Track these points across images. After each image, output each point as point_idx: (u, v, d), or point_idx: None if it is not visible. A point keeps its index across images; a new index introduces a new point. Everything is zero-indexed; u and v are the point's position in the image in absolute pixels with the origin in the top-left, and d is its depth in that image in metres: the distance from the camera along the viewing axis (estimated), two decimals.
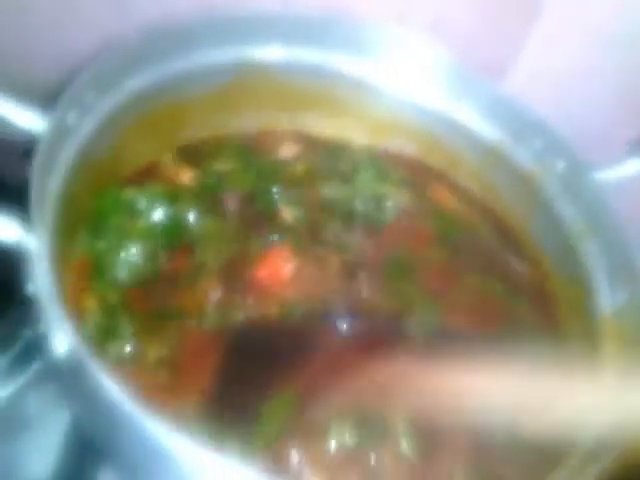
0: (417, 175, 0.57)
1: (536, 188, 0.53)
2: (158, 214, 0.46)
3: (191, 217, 0.47)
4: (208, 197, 0.49)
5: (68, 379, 0.33)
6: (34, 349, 0.47)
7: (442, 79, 0.56)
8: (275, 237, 0.48)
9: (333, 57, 0.55)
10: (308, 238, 0.49)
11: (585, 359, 0.45)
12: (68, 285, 0.37)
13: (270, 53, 0.53)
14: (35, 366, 0.47)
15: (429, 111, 0.57)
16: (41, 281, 0.31)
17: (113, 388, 0.29)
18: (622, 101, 0.56)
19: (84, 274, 0.42)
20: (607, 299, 0.45)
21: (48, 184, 0.36)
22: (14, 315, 0.48)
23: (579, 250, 0.49)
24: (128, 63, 0.45)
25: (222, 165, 0.52)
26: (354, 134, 0.58)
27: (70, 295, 0.36)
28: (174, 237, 0.46)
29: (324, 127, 0.58)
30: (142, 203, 0.45)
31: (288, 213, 0.50)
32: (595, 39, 0.58)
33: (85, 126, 0.41)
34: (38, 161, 0.35)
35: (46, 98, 0.40)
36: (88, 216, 0.43)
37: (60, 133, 0.38)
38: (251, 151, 0.54)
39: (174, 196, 0.47)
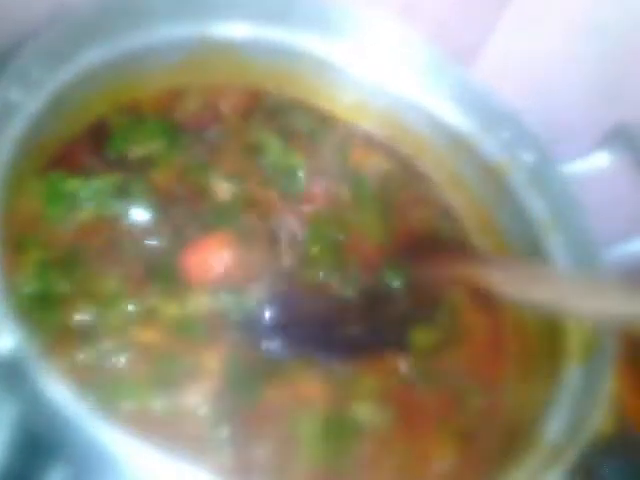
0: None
1: (502, 179, 0.52)
2: (101, 208, 0.43)
3: (134, 213, 0.44)
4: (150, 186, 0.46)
5: (11, 378, 0.31)
6: None
7: (411, 63, 0.54)
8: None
9: (299, 36, 0.53)
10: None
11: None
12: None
13: (232, 29, 0.51)
14: None
15: (396, 95, 0.56)
16: None
17: (58, 393, 0.27)
18: (594, 91, 0.56)
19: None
20: None
21: None
22: None
23: (543, 244, 0.49)
24: (80, 35, 0.42)
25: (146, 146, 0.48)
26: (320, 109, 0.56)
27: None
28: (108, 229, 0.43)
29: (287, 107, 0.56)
30: (86, 194, 0.43)
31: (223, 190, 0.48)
32: (567, 26, 0.58)
33: (31, 103, 0.38)
34: None
35: None
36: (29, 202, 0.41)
37: (3, 110, 0.35)
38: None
39: (121, 190, 0.44)
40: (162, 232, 0.44)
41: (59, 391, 0.28)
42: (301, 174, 0.52)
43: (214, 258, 0.44)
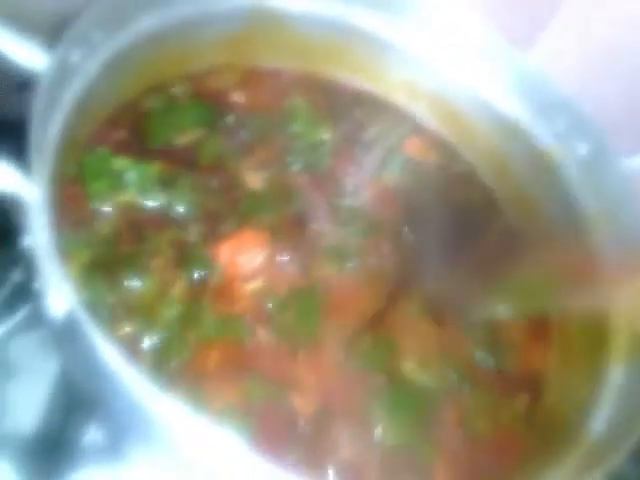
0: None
1: (553, 170, 0.51)
2: (144, 197, 0.43)
3: (178, 205, 0.44)
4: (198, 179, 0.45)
5: (62, 336, 0.31)
6: (22, 294, 0.45)
7: (466, 46, 0.53)
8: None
9: (356, 12, 0.52)
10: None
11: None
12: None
13: (287, 2, 0.50)
14: (22, 312, 0.45)
15: (448, 78, 0.55)
16: (39, 237, 0.29)
17: (108, 353, 0.28)
18: None
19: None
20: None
21: (49, 128, 0.34)
22: (1, 258, 0.46)
23: (592, 240, 0.47)
24: (138, 2, 0.42)
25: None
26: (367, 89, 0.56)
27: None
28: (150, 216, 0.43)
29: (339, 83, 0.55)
30: (131, 177, 0.43)
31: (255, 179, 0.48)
32: (628, 18, 0.55)
33: (89, 66, 0.38)
34: (39, 102, 0.32)
35: (48, 32, 0.36)
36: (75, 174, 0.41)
37: (63, 72, 0.35)
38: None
39: (167, 181, 0.44)
40: (198, 225, 0.44)
41: (110, 352, 0.28)
42: (326, 149, 0.51)
43: (247, 253, 0.44)
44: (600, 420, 0.39)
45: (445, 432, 0.42)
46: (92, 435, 0.38)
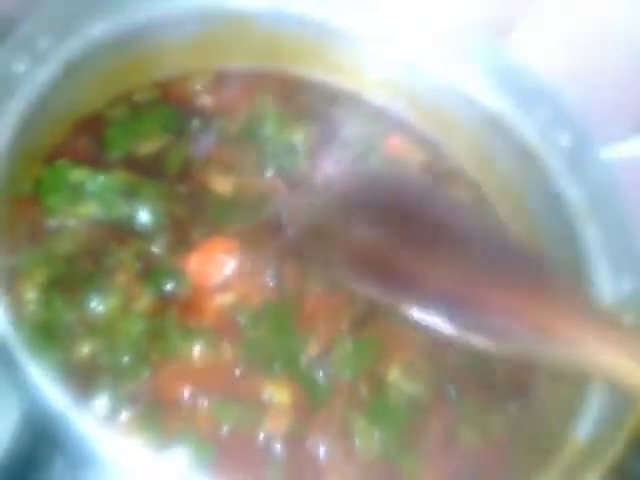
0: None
1: (537, 162, 0.49)
2: (106, 209, 0.41)
3: (143, 216, 0.42)
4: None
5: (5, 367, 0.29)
6: None
7: (445, 40, 0.51)
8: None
9: (325, 9, 0.50)
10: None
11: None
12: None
13: (248, 1, 0.48)
14: None
15: (427, 73, 0.53)
16: None
17: (43, 385, 0.26)
18: (634, 75, 0.52)
19: None
20: (607, 288, 0.42)
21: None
22: None
23: (578, 230, 0.46)
24: (90, 5, 0.40)
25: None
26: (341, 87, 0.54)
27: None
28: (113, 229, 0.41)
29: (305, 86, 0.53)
30: (91, 189, 0.41)
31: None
32: (609, 6, 0.54)
33: (38, 75, 0.36)
34: None
35: None
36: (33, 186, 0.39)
37: (6, 81, 0.34)
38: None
39: (131, 191, 0.42)
40: (165, 235, 0.42)
41: (51, 387, 0.26)
42: (301, 151, 0.49)
43: (218, 263, 0.42)
44: (585, 426, 0.37)
45: (431, 442, 0.40)
46: (57, 465, 0.36)
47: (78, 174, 0.41)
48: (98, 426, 0.27)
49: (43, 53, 0.37)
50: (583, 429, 0.37)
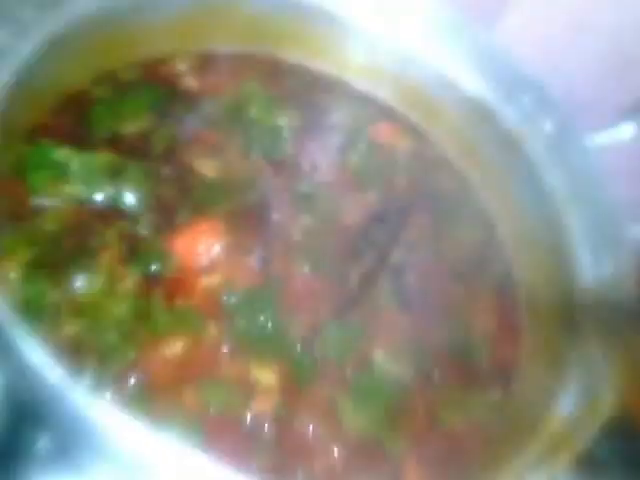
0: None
1: (520, 148, 0.50)
2: (90, 189, 0.40)
3: (128, 196, 0.41)
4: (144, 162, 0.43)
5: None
6: None
7: (429, 25, 0.52)
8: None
9: None
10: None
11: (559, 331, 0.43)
12: None
13: None
14: None
15: (411, 58, 0.53)
16: None
17: (39, 359, 0.26)
18: (615, 62, 0.53)
19: None
20: (590, 270, 0.43)
21: None
22: None
23: (560, 216, 0.46)
24: None
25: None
26: (327, 72, 0.54)
27: None
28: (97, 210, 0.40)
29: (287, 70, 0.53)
30: (76, 168, 0.40)
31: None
32: None
33: (21, 48, 0.35)
34: None
35: None
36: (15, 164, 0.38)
37: None
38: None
39: (116, 171, 0.42)
40: (150, 216, 0.41)
41: (45, 361, 0.25)
42: (286, 134, 0.49)
43: (203, 245, 0.42)
44: (565, 405, 0.38)
45: (415, 424, 0.40)
46: (43, 444, 0.35)
47: (62, 153, 0.40)
48: (93, 401, 0.26)
49: (25, 25, 0.36)
50: (561, 411, 0.38)
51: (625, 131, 0.47)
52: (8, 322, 0.27)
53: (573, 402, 0.38)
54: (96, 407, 0.27)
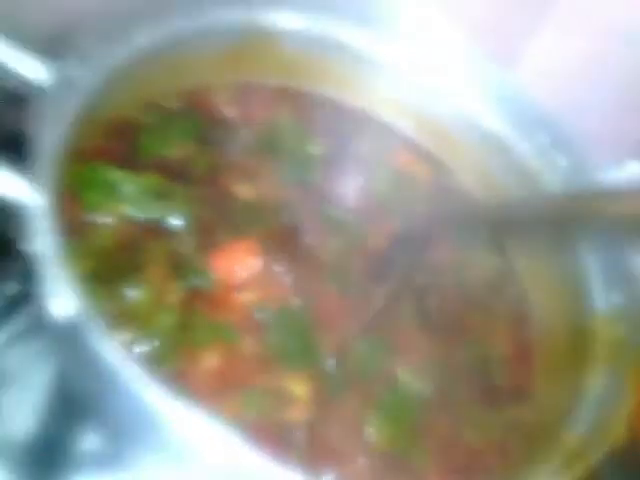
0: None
1: (536, 184, 0.52)
2: (139, 209, 0.44)
3: (172, 217, 0.44)
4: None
5: (62, 341, 0.31)
6: (16, 307, 0.45)
7: (450, 62, 0.55)
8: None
9: (345, 29, 0.54)
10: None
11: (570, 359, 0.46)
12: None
13: (280, 19, 0.52)
14: (15, 324, 0.45)
15: (432, 93, 0.56)
16: (43, 241, 0.29)
17: (112, 356, 0.28)
18: (633, 98, 0.56)
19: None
20: (601, 301, 0.45)
21: (51, 138, 0.34)
22: None
23: (575, 250, 0.49)
24: (133, 18, 0.43)
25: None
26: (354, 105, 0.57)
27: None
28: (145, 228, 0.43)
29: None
30: (126, 189, 0.43)
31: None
32: (607, 36, 0.58)
33: (88, 80, 0.39)
34: (42, 113, 0.33)
35: (45, 46, 0.37)
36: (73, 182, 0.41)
37: (66, 85, 0.36)
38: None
39: (162, 193, 0.45)
40: (192, 236, 0.44)
41: (113, 355, 0.28)
42: (316, 163, 0.52)
43: (240, 263, 0.44)
44: (580, 425, 0.40)
45: (437, 440, 0.43)
46: (91, 442, 0.38)
47: (114, 175, 0.43)
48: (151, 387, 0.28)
49: (94, 60, 0.39)
50: (576, 427, 0.40)
51: (636, 168, 0.50)
52: (82, 319, 0.29)
53: (587, 421, 0.40)
54: (154, 400, 0.28)
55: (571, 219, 0.42)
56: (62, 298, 0.29)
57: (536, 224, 0.45)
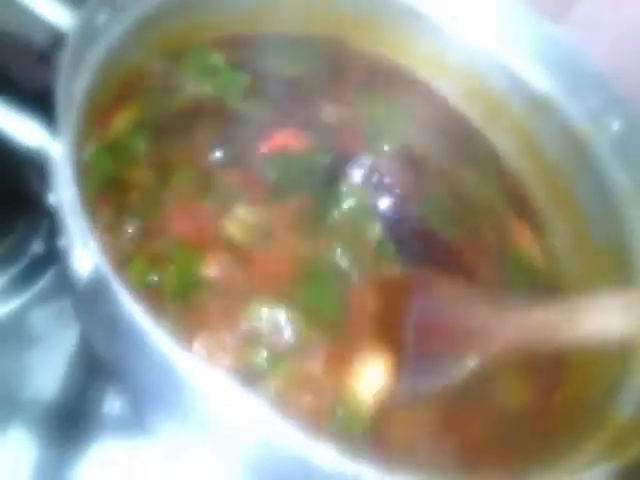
0: None
1: (584, 147, 0.49)
2: None
3: None
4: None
5: (86, 297, 0.30)
6: (41, 265, 0.45)
7: (497, 19, 0.52)
8: None
9: None
10: None
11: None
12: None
13: None
14: (41, 283, 0.45)
15: (477, 50, 0.53)
16: (65, 191, 0.28)
17: (135, 310, 0.27)
18: None
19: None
20: None
21: (74, 87, 0.33)
22: (22, 228, 0.46)
23: (624, 218, 0.46)
24: None
25: None
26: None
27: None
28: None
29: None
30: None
31: None
32: None
33: (114, 28, 0.37)
34: (65, 61, 0.32)
35: None
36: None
37: (89, 32, 0.35)
38: None
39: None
40: None
41: (137, 312, 0.27)
42: None
43: None
44: (626, 404, 0.37)
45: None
46: (114, 404, 0.37)
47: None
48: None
49: (119, 8, 0.38)
50: (623, 407, 0.38)
51: None
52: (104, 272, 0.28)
53: (634, 402, 0.38)
54: (180, 360, 0.27)
55: None
56: (83, 251, 0.27)
57: None
